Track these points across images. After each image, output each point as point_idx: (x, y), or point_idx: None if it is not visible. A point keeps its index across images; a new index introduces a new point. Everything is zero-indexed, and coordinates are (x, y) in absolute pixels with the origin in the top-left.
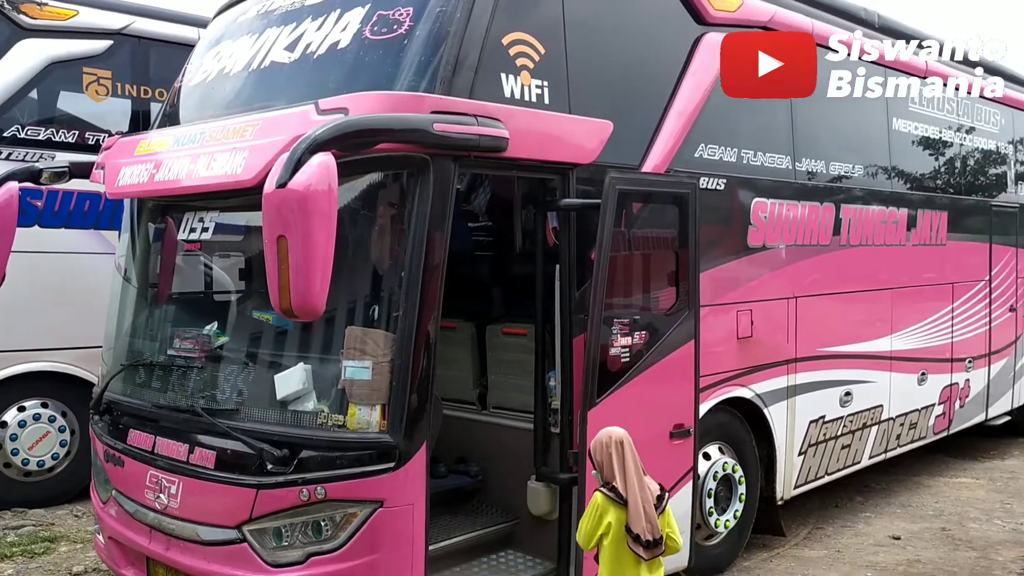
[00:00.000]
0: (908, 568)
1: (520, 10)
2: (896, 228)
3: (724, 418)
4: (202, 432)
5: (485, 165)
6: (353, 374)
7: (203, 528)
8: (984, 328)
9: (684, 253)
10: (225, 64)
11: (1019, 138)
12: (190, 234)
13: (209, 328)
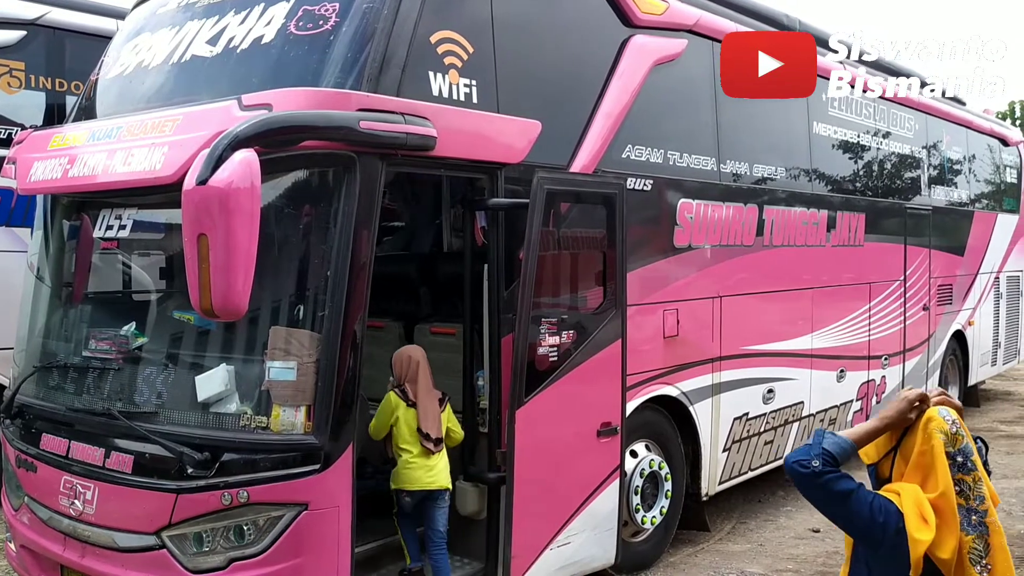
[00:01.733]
0: (827, 560)
1: (448, 9)
2: (817, 229)
3: (651, 416)
4: (119, 436)
5: (413, 164)
6: (277, 375)
7: (120, 535)
8: (899, 326)
9: (611, 253)
10: (144, 57)
11: (932, 143)
12: (106, 232)
13: (127, 329)
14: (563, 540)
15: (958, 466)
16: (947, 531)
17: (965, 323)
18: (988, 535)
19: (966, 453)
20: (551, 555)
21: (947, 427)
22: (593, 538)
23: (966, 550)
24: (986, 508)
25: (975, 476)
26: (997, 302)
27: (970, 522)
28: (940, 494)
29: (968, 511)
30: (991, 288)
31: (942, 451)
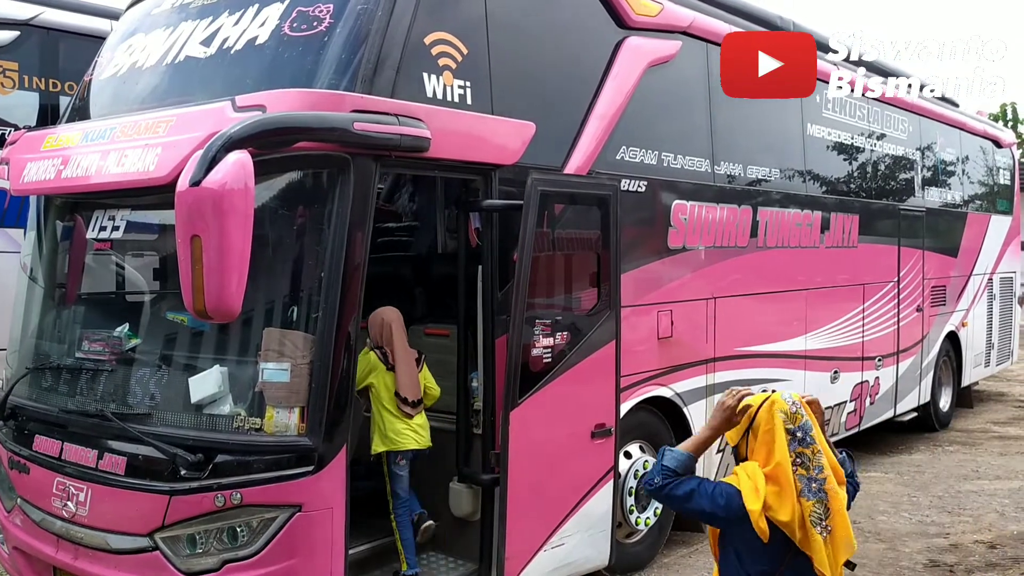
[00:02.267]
0: None
1: (442, 10)
2: (811, 231)
3: (645, 417)
4: (112, 437)
5: (407, 165)
6: (271, 376)
7: (113, 536)
8: (893, 328)
9: (606, 254)
10: (138, 58)
11: (926, 145)
12: (100, 233)
13: (120, 330)
14: (557, 541)
15: (798, 440)
16: (785, 498)
17: (959, 324)
18: (827, 500)
19: (805, 429)
20: (545, 556)
21: (787, 407)
22: (587, 539)
23: (807, 513)
24: (825, 476)
25: (814, 449)
26: (990, 303)
27: (811, 489)
28: (776, 464)
29: (809, 480)
30: (984, 289)
31: (782, 428)
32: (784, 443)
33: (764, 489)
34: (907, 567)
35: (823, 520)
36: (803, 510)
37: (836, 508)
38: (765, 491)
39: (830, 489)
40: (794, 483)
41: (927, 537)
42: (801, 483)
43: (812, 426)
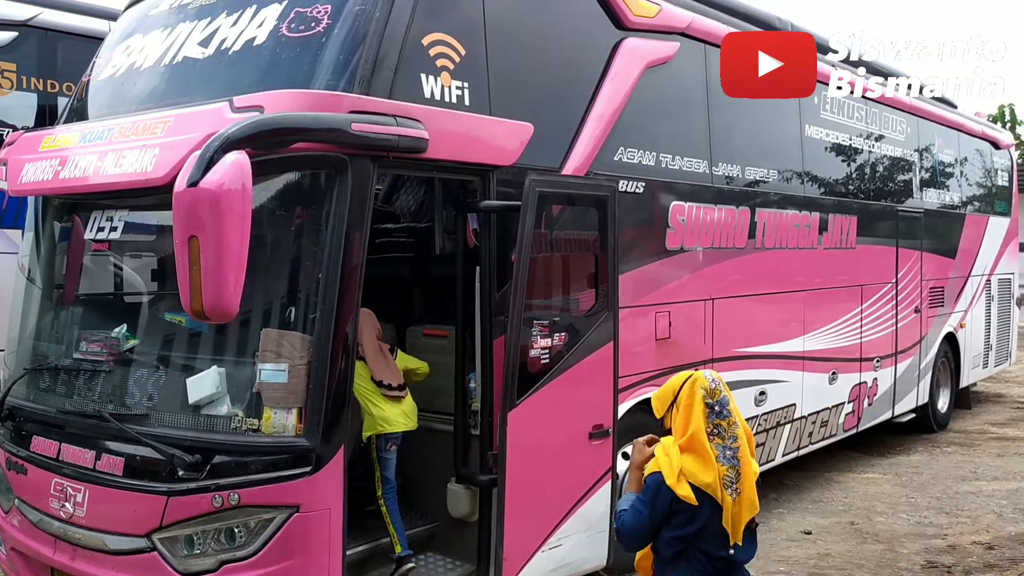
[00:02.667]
0: (819, 561)
1: (440, 11)
2: (809, 232)
3: (643, 418)
4: (110, 438)
5: (404, 166)
6: (268, 377)
7: (111, 537)
8: (891, 329)
9: (603, 255)
10: (136, 59)
11: (924, 146)
12: (98, 233)
13: (118, 331)
14: (555, 542)
15: (716, 413)
16: (706, 463)
17: (957, 325)
18: (740, 466)
19: (723, 403)
20: (543, 557)
21: (708, 384)
22: (585, 540)
23: (721, 476)
24: (738, 446)
25: (729, 421)
26: (988, 304)
27: (725, 456)
28: (690, 435)
29: (724, 447)
30: (982, 290)
31: (700, 402)
32: (700, 416)
33: (678, 462)
34: (905, 568)
35: (734, 483)
36: (721, 474)
37: (746, 473)
38: (680, 463)
39: (742, 456)
40: (711, 450)
41: (925, 538)
42: (717, 450)
43: (729, 400)
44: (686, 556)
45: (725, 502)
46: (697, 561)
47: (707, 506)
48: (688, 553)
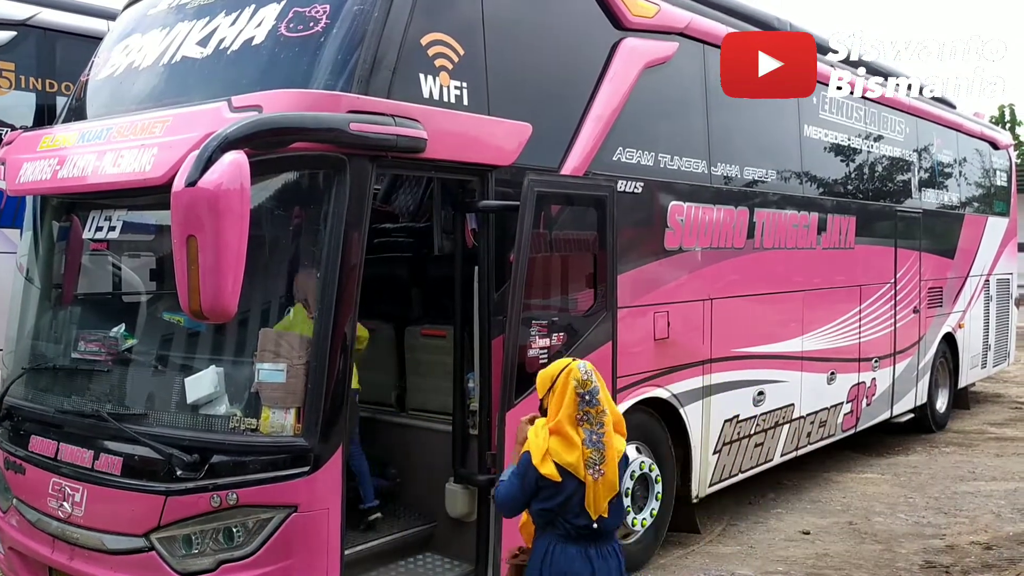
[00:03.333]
0: (817, 561)
1: (439, 11)
2: (807, 232)
3: (641, 418)
4: (108, 438)
5: (403, 166)
6: (267, 377)
7: (109, 537)
8: (890, 329)
9: (602, 255)
10: (134, 58)
11: (923, 146)
12: (96, 233)
13: (116, 330)
14: None
15: (586, 402)
16: (571, 445)
17: (955, 325)
18: (604, 450)
19: (592, 393)
20: None
21: (580, 376)
22: None
23: (586, 458)
24: (604, 431)
25: (598, 409)
26: (987, 305)
27: (591, 440)
28: (558, 421)
29: (591, 432)
30: (981, 291)
31: (572, 391)
32: (571, 403)
33: (545, 443)
34: (903, 568)
35: (597, 465)
36: (585, 456)
37: (610, 457)
38: (548, 443)
39: (607, 442)
40: (579, 434)
41: (923, 538)
42: (584, 434)
43: (599, 390)
44: (553, 524)
45: (587, 481)
46: (563, 528)
47: (570, 482)
48: (555, 521)
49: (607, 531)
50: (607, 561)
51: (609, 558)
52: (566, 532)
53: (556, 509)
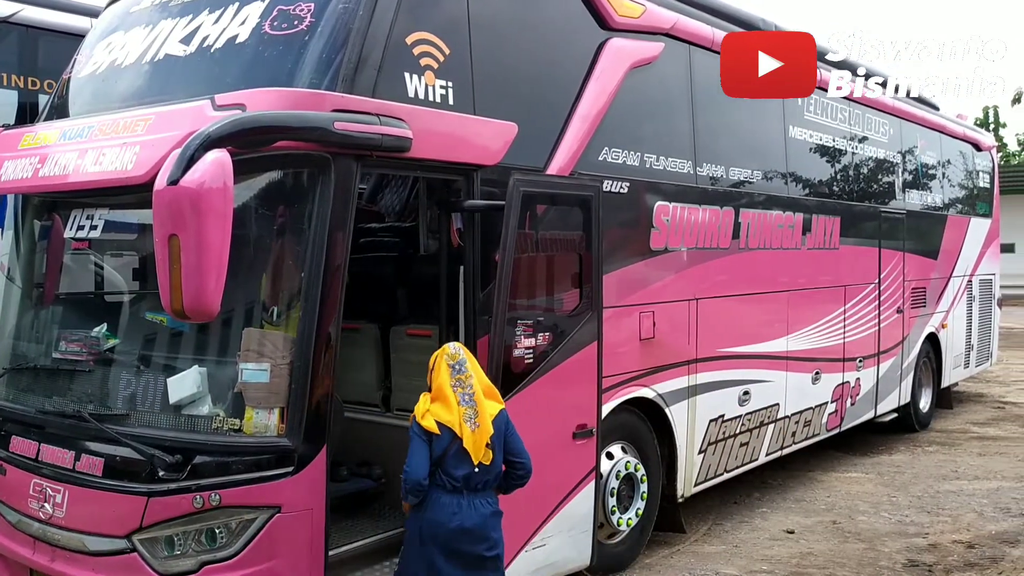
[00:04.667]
0: (801, 560)
1: (424, 10)
2: (792, 232)
3: (627, 418)
4: (90, 438)
5: (388, 165)
6: (250, 377)
7: (90, 538)
8: (874, 329)
9: (588, 255)
10: (117, 56)
11: (907, 148)
12: (78, 232)
13: (98, 330)
14: (538, 542)
15: (456, 371)
16: (449, 407)
17: (938, 326)
18: (476, 406)
19: (460, 363)
20: (526, 557)
21: (450, 351)
22: (568, 540)
23: (463, 415)
24: (473, 392)
25: (466, 375)
26: (970, 305)
27: (464, 400)
28: (437, 387)
29: (463, 394)
30: (964, 291)
31: (445, 364)
32: (445, 374)
33: (428, 407)
34: (886, 567)
35: (473, 419)
36: (461, 413)
37: (482, 411)
38: (429, 407)
39: (478, 400)
40: (454, 396)
41: (906, 537)
42: (458, 396)
43: (466, 360)
44: (435, 477)
45: (464, 432)
46: (441, 481)
47: (447, 436)
48: (436, 475)
49: (485, 481)
50: (478, 509)
51: (482, 507)
52: (443, 484)
53: (437, 460)
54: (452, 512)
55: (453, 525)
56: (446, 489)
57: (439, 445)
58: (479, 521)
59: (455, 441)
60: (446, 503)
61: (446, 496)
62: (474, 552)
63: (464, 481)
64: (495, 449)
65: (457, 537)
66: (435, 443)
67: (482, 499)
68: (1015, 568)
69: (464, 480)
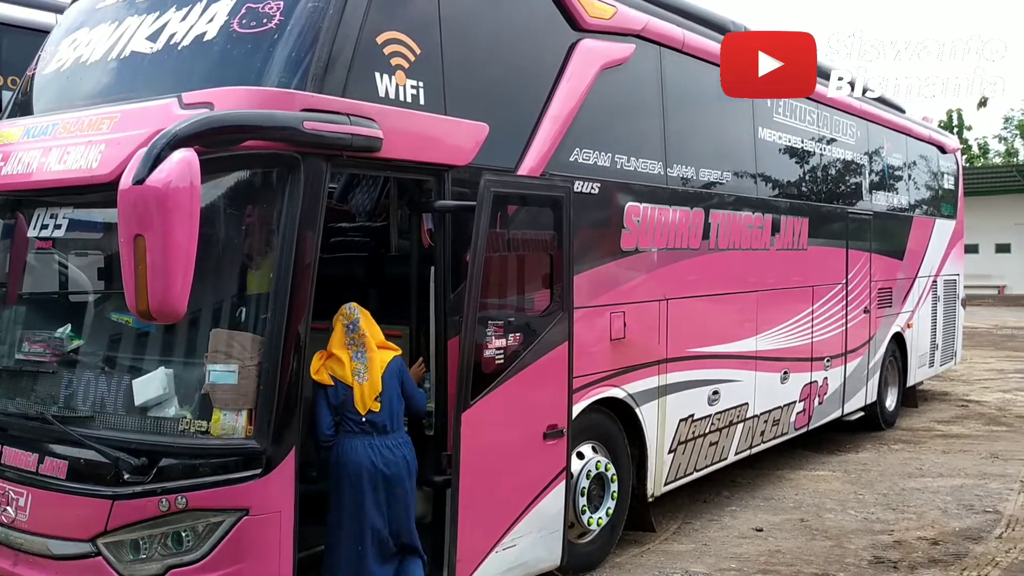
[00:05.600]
0: (769, 558)
1: (395, 9)
2: (762, 233)
3: (597, 418)
4: (54, 441)
5: (358, 165)
6: (218, 378)
7: (54, 542)
8: (841, 329)
9: (559, 255)
10: (82, 53)
11: (873, 150)
12: (41, 231)
13: (62, 331)
14: (509, 542)
15: (350, 330)
16: (342, 363)
17: (904, 325)
18: (367, 363)
19: (354, 323)
20: (497, 558)
21: (346, 311)
22: (539, 540)
23: (354, 370)
24: (366, 349)
25: (360, 333)
26: (935, 305)
27: (356, 356)
28: (330, 344)
29: (356, 351)
30: (929, 291)
31: (340, 324)
32: (340, 333)
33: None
34: (852, 564)
35: (362, 373)
36: (352, 368)
37: (372, 365)
38: (324, 363)
39: (370, 357)
40: (347, 353)
41: (872, 534)
42: (351, 353)
43: (360, 318)
44: (342, 423)
45: (355, 385)
46: (348, 426)
47: (342, 388)
48: (342, 421)
49: (380, 425)
50: (391, 451)
51: (394, 448)
52: (350, 428)
53: (338, 407)
54: (363, 452)
55: (367, 463)
56: (354, 432)
57: (336, 396)
58: (390, 458)
59: (350, 393)
60: (356, 445)
61: (356, 439)
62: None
63: (369, 424)
64: (385, 393)
65: (372, 474)
66: (331, 394)
67: (393, 439)
68: (978, 564)
69: (369, 423)
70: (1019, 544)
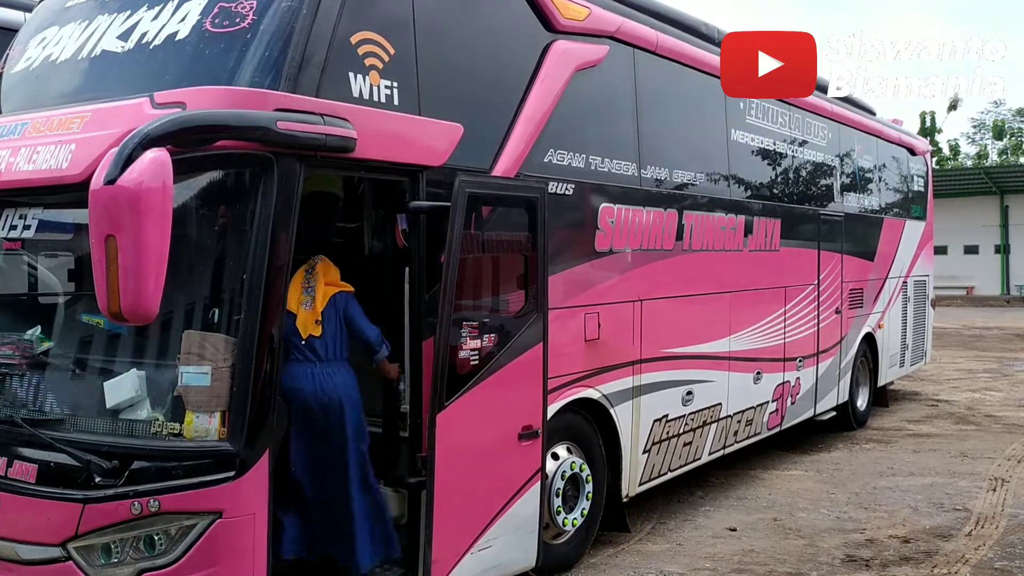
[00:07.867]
0: (743, 558)
1: (369, 9)
2: (735, 234)
3: (572, 418)
4: (23, 444)
5: (332, 165)
6: (190, 380)
7: (23, 547)
8: (813, 329)
9: (533, 256)
10: (52, 51)
11: (844, 152)
12: (10, 232)
13: (31, 332)
14: (484, 544)
15: (308, 272)
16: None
17: (875, 326)
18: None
19: (312, 266)
20: (472, 559)
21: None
22: (514, 541)
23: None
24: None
25: (314, 274)
26: (905, 306)
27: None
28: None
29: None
30: (899, 292)
31: (302, 270)
32: (299, 276)
33: None
34: (825, 562)
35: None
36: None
37: (318, 296)
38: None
39: (318, 290)
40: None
41: (844, 533)
42: (302, 288)
43: (318, 263)
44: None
45: (300, 312)
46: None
47: (290, 317)
48: (288, 349)
49: (321, 352)
50: (333, 378)
51: (335, 376)
52: (294, 356)
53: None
54: (306, 379)
55: (309, 390)
56: (297, 360)
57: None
58: (329, 385)
59: (295, 318)
60: (299, 373)
61: (298, 367)
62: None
63: (310, 350)
64: (327, 323)
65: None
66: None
67: (335, 367)
68: (948, 561)
69: (309, 348)
70: (988, 541)
